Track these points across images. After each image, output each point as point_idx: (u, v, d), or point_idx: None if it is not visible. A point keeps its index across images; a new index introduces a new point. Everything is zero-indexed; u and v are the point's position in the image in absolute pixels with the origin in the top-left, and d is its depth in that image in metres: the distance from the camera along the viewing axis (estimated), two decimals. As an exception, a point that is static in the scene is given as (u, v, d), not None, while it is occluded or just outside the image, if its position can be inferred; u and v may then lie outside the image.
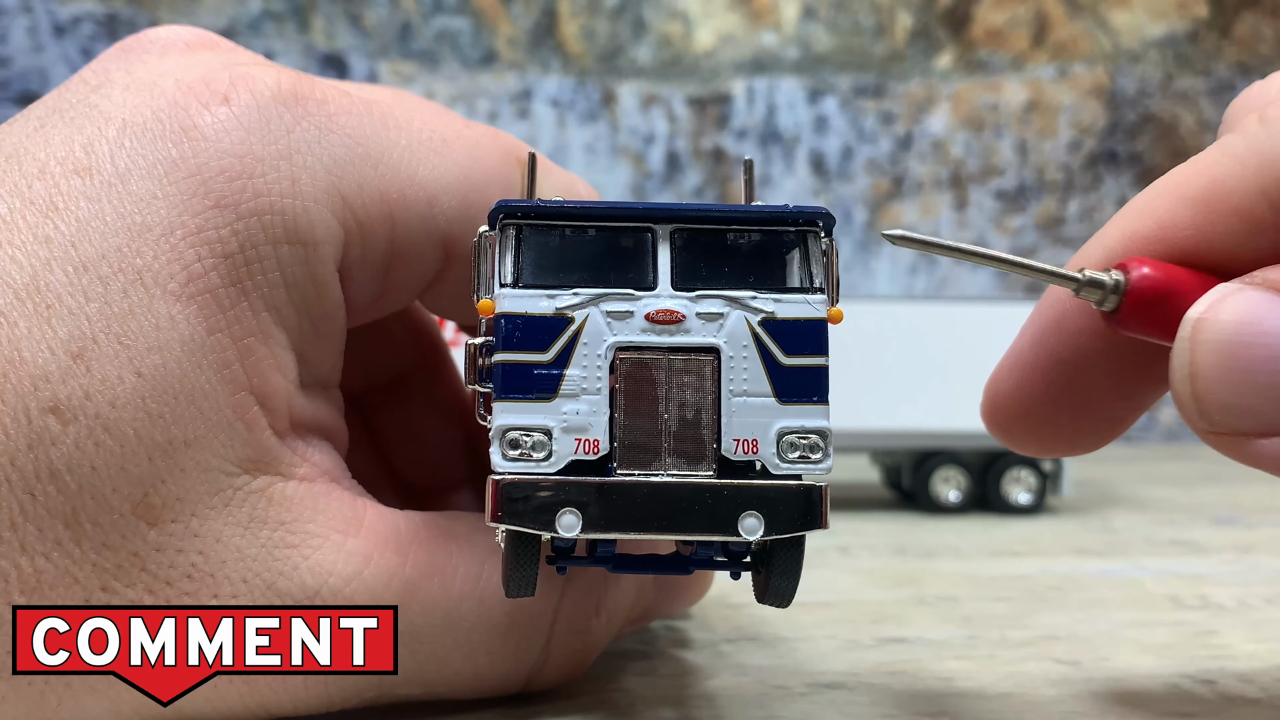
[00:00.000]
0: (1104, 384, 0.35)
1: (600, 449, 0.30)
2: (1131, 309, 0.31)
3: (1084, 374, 0.35)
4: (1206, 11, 1.63)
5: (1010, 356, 0.37)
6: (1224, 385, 0.28)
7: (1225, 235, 0.31)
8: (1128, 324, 0.32)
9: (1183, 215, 0.31)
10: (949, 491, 0.92)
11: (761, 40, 1.60)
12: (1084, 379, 0.35)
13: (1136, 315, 0.31)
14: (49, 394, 0.30)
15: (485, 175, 0.38)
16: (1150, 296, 0.31)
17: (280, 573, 0.33)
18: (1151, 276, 0.31)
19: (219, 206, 0.33)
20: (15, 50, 1.42)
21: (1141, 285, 0.31)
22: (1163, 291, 0.31)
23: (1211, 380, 0.29)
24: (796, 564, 0.32)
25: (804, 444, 0.31)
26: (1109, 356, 0.35)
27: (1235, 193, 0.30)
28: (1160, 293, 0.31)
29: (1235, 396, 0.28)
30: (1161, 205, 0.32)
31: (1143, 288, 0.31)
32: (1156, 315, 0.31)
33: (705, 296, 0.31)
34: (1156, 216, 0.32)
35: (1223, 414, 0.29)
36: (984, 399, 0.38)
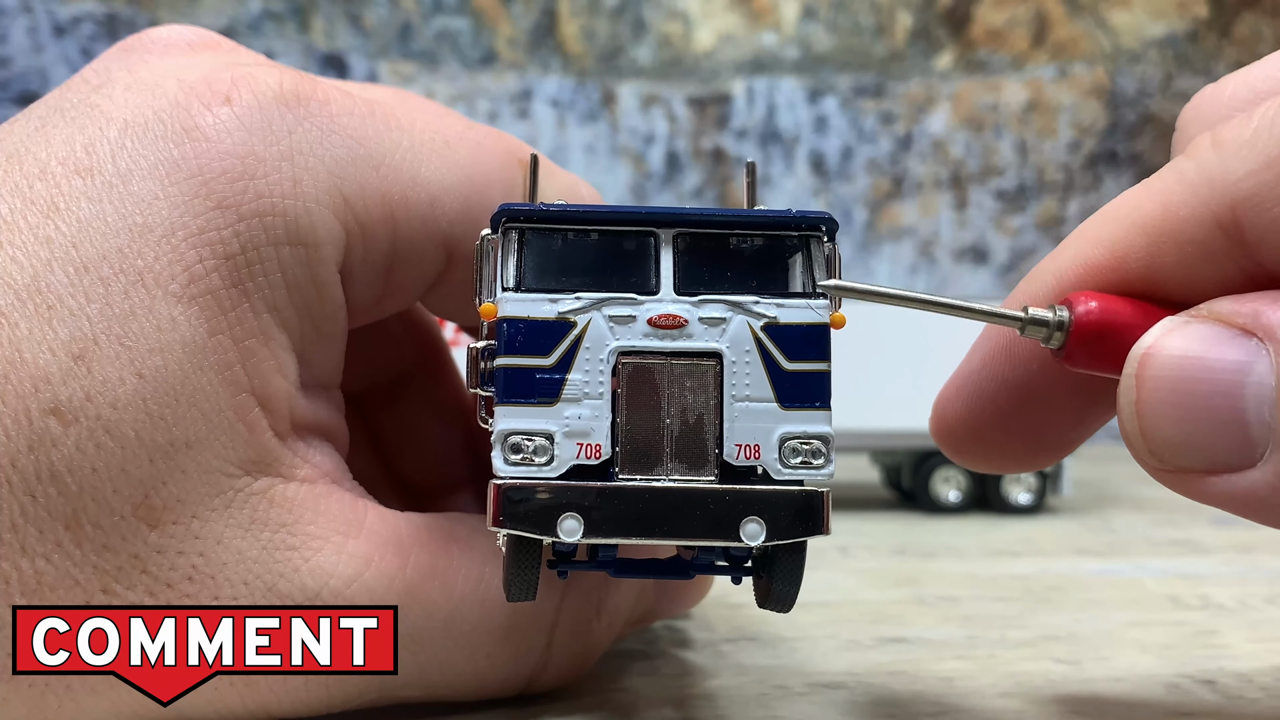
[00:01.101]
0: (1055, 408, 0.35)
1: (602, 454, 0.30)
2: (1078, 345, 0.30)
3: (1035, 398, 0.35)
4: (1206, 11, 1.63)
5: (959, 377, 0.37)
6: (1170, 422, 0.28)
7: (1179, 263, 0.30)
8: (1075, 360, 0.31)
9: (1136, 243, 0.30)
10: (949, 491, 0.92)
11: (761, 40, 1.60)
12: (1034, 403, 0.35)
13: (1083, 351, 0.30)
14: (50, 395, 0.30)
15: (487, 177, 0.38)
16: (1096, 332, 0.30)
17: (281, 575, 0.33)
18: (1097, 311, 0.30)
19: (220, 207, 0.33)
20: (15, 50, 1.42)
21: (1087, 321, 0.30)
22: (1109, 326, 0.30)
23: (1158, 417, 0.28)
24: (798, 569, 0.32)
25: (806, 449, 0.31)
26: (1060, 382, 0.34)
27: (1188, 221, 0.29)
28: (1106, 328, 0.30)
29: (1182, 433, 0.27)
30: (1114, 233, 0.31)
31: (1088, 323, 0.30)
32: (1104, 350, 0.30)
33: (708, 301, 0.31)
34: (1109, 245, 0.31)
35: (1170, 451, 0.28)
36: (932, 416, 0.37)
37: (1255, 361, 0.27)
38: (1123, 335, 0.30)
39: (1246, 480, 0.27)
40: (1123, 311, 0.30)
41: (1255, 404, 0.26)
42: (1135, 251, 0.31)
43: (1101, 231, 0.32)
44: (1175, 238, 0.30)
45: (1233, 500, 0.28)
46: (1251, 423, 0.27)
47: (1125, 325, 0.30)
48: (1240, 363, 0.27)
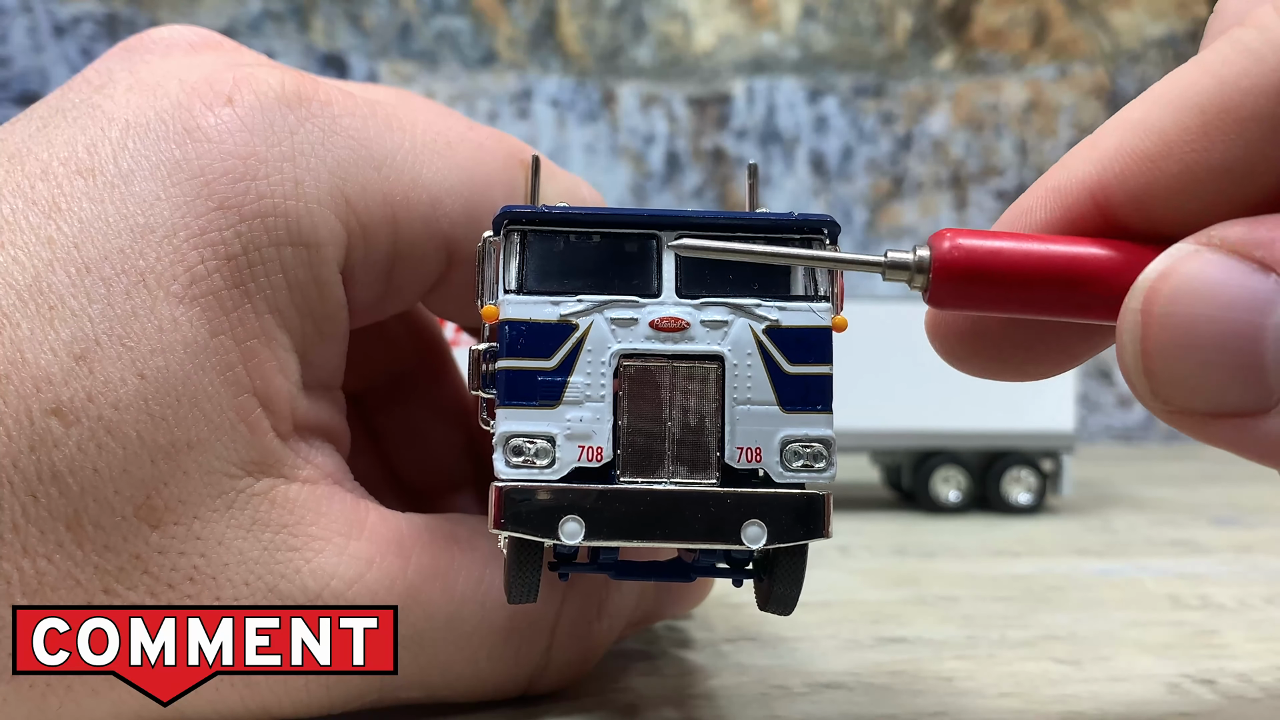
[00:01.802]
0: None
1: (603, 456, 0.30)
2: (941, 287, 0.28)
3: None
4: (1206, 11, 1.63)
5: None
6: (1180, 363, 0.25)
7: (1240, 145, 0.26)
8: (940, 302, 0.29)
9: (1190, 125, 0.27)
10: (949, 491, 0.92)
11: (761, 40, 1.60)
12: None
13: (947, 293, 0.28)
14: (51, 396, 0.30)
15: (489, 178, 0.38)
16: (959, 273, 0.28)
17: (282, 575, 0.33)
18: (958, 250, 0.28)
19: (222, 208, 0.33)
20: (15, 50, 1.42)
21: (948, 261, 0.28)
22: (972, 266, 0.28)
23: (1166, 358, 0.25)
24: (799, 572, 0.32)
25: (807, 452, 0.31)
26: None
27: (1250, 93, 0.26)
28: (969, 268, 0.28)
29: (1192, 376, 0.25)
30: (1163, 116, 0.27)
31: (949, 263, 0.28)
32: (970, 291, 0.28)
33: (710, 304, 0.31)
34: (1159, 131, 0.27)
35: (1178, 394, 0.26)
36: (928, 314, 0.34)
37: (1276, 300, 0.24)
38: (989, 274, 0.28)
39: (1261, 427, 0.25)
40: (987, 249, 0.28)
41: (1275, 348, 0.24)
42: (1189, 135, 0.27)
43: (1149, 116, 0.28)
44: (1235, 114, 0.26)
45: (1242, 444, 0.26)
46: (1270, 368, 0.25)
47: (991, 263, 0.28)
48: (1259, 301, 0.24)
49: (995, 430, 0.92)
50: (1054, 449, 0.92)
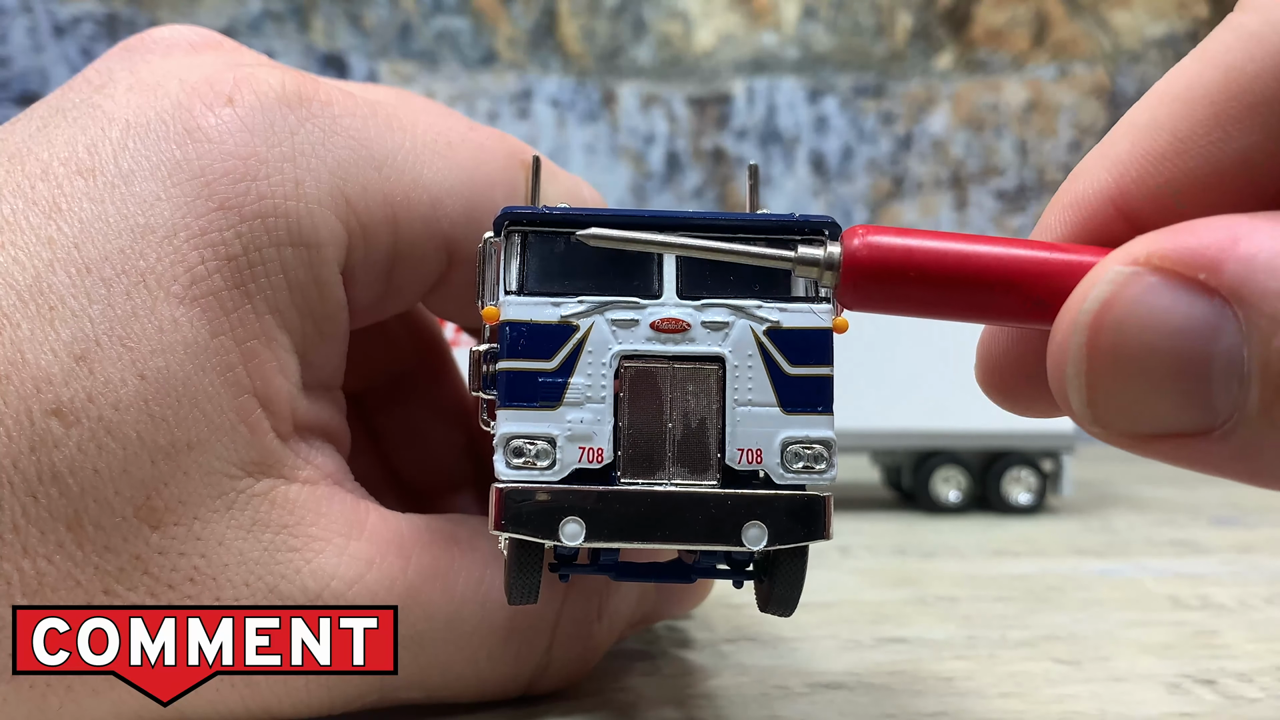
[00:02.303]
0: None
1: (604, 458, 0.30)
2: (850, 285, 0.28)
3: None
4: (1206, 11, 1.63)
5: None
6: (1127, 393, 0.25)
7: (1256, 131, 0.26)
8: (848, 300, 0.28)
9: (1200, 118, 0.26)
10: (949, 491, 0.92)
11: (761, 40, 1.60)
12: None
13: (855, 292, 0.28)
14: (52, 396, 0.30)
15: (489, 179, 0.38)
16: (868, 270, 0.27)
17: (282, 576, 0.33)
18: (868, 248, 0.27)
19: (223, 208, 0.33)
20: (15, 50, 1.42)
21: (859, 258, 0.27)
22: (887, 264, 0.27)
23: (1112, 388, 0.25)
24: (799, 573, 0.32)
25: (808, 454, 0.31)
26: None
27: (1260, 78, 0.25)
28: (884, 265, 0.27)
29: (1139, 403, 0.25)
30: (1173, 113, 0.27)
31: (861, 260, 0.27)
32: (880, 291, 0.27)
33: (710, 305, 0.31)
34: (1170, 129, 0.27)
35: (1123, 419, 0.25)
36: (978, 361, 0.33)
37: (1221, 326, 0.24)
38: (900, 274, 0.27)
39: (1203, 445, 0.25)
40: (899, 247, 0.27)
41: (1223, 373, 0.24)
42: (1203, 128, 0.26)
43: (1158, 115, 0.27)
44: (1245, 100, 0.26)
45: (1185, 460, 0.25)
46: (1217, 394, 0.24)
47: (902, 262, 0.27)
48: (1206, 328, 0.24)
49: (995, 430, 0.92)
50: (1054, 449, 0.92)
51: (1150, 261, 0.24)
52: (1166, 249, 0.24)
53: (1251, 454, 0.24)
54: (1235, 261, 0.23)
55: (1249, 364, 0.23)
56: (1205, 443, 0.25)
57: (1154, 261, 0.24)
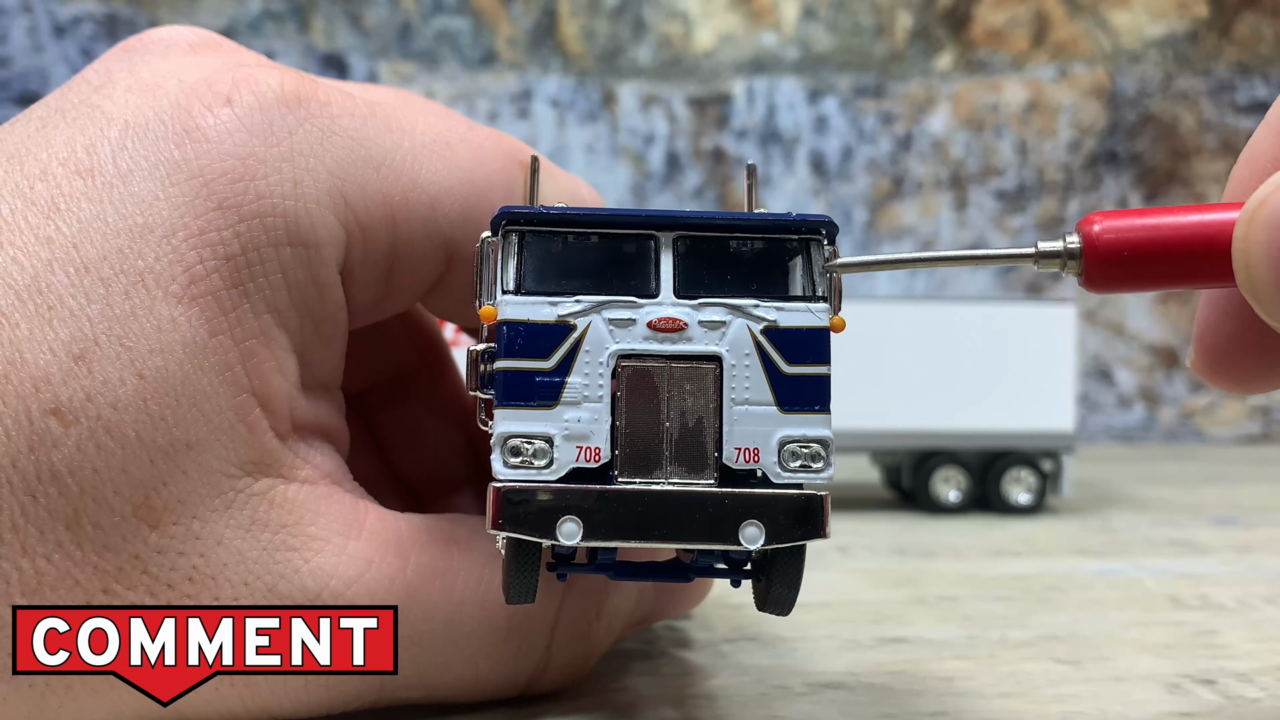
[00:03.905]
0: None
1: (602, 457, 0.30)
2: (1095, 269, 0.30)
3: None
4: (1206, 11, 1.63)
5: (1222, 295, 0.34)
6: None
7: None
8: (1096, 284, 0.30)
9: None
10: (949, 491, 0.92)
11: (761, 40, 1.60)
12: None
13: (1103, 274, 0.30)
14: (50, 396, 0.30)
15: (488, 179, 0.38)
16: (1110, 254, 0.29)
17: (281, 576, 0.33)
18: (1107, 233, 0.29)
19: (221, 208, 0.33)
20: (15, 50, 1.42)
21: (1099, 245, 0.29)
22: (1123, 246, 0.29)
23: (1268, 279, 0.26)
24: (797, 572, 0.32)
25: (805, 453, 0.31)
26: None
27: None
28: (1120, 247, 0.29)
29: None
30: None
31: (1100, 247, 0.29)
32: (1125, 270, 0.29)
33: (708, 304, 0.31)
34: None
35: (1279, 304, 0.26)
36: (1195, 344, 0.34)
37: None
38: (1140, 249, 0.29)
39: None
40: (1135, 227, 0.29)
41: None
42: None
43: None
44: None
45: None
46: None
47: (1139, 241, 0.29)
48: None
49: (995, 430, 0.92)
50: (1054, 449, 0.92)
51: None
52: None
53: None
54: None
55: None
56: None
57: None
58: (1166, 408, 1.61)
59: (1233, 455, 1.41)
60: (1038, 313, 0.95)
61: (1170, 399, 1.61)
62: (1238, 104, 1.63)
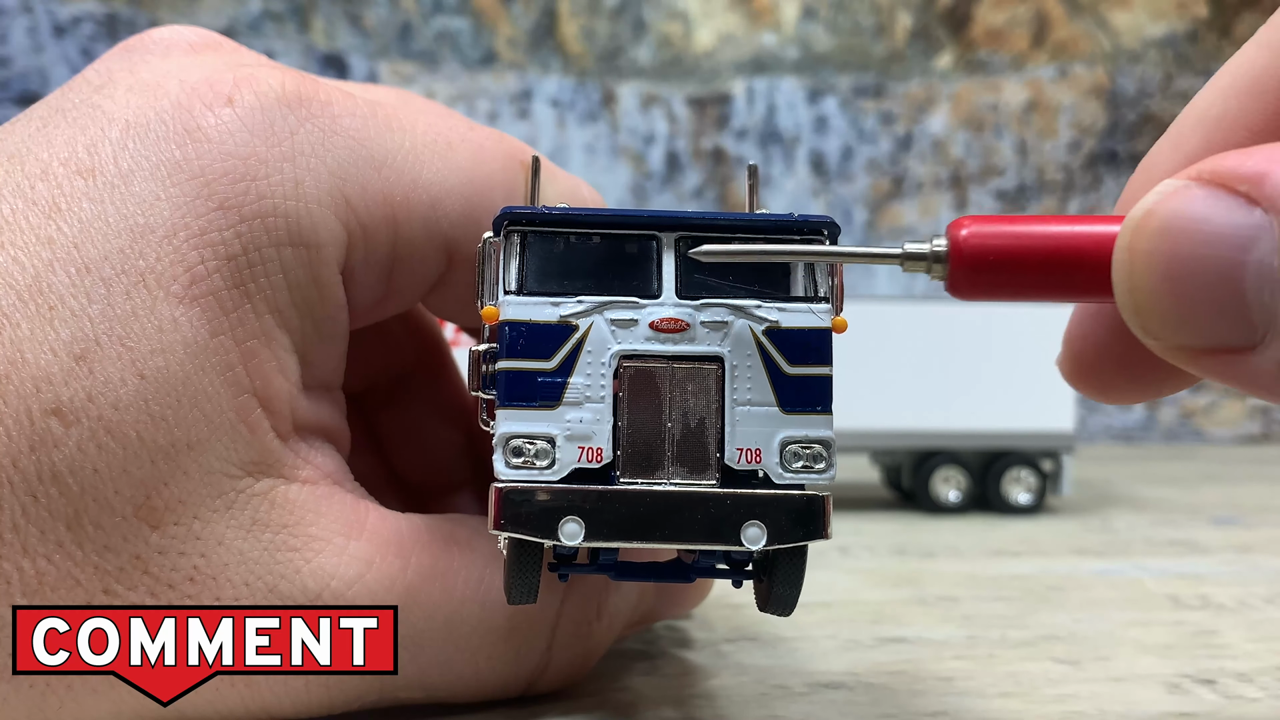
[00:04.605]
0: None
1: (603, 457, 0.30)
2: (960, 275, 0.28)
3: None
4: (1206, 11, 1.63)
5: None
6: (1164, 299, 0.25)
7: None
8: (960, 290, 0.29)
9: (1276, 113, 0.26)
10: (949, 491, 0.92)
11: (761, 40, 1.60)
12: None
13: (966, 280, 0.28)
14: (51, 396, 0.30)
15: (489, 179, 0.38)
16: (976, 260, 0.28)
17: (282, 576, 0.33)
18: (975, 238, 0.28)
19: (222, 208, 0.33)
20: (15, 50, 1.42)
21: (965, 249, 0.28)
22: (990, 251, 0.28)
23: (1151, 293, 0.25)
24: (798, 573, 0.32)
25: (807, 454, 0.31)
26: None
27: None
28: (987, 254, 0.28)
29: (1177, 311, 0.25)
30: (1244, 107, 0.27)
31: (967, 251, 0.28)
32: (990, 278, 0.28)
33: (710, 305, 0.31)
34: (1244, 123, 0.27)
35: (1165, 329, 0.25)
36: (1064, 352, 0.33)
37: (1258, 237, 0.24)
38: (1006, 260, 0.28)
39: (1249, 362, 0.25)
40: (1004, 234, 0.28)
41: (1255, 284, 0.24)
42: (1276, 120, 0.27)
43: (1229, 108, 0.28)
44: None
45: (1233, 378, 0.25)
46: (1251, 305, 0.24)
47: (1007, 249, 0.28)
48: (1241, 237, 0.24)
49: (995, 430, 0.92)
50: (1054, 449, 0.92)
51: (1200, 176, 0.25)
52: (1217, 165, 0.24)
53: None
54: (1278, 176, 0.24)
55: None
56: (1249, 359, 0.24)
57: (1203, 176, 0.25)
58: (1166, 407, 1.61)
59: (1233, 455, 1.41)
60: (1038, 312, 0.95)
61: (1170, 399, 1.61)
62: (1237, 104, 1.62)
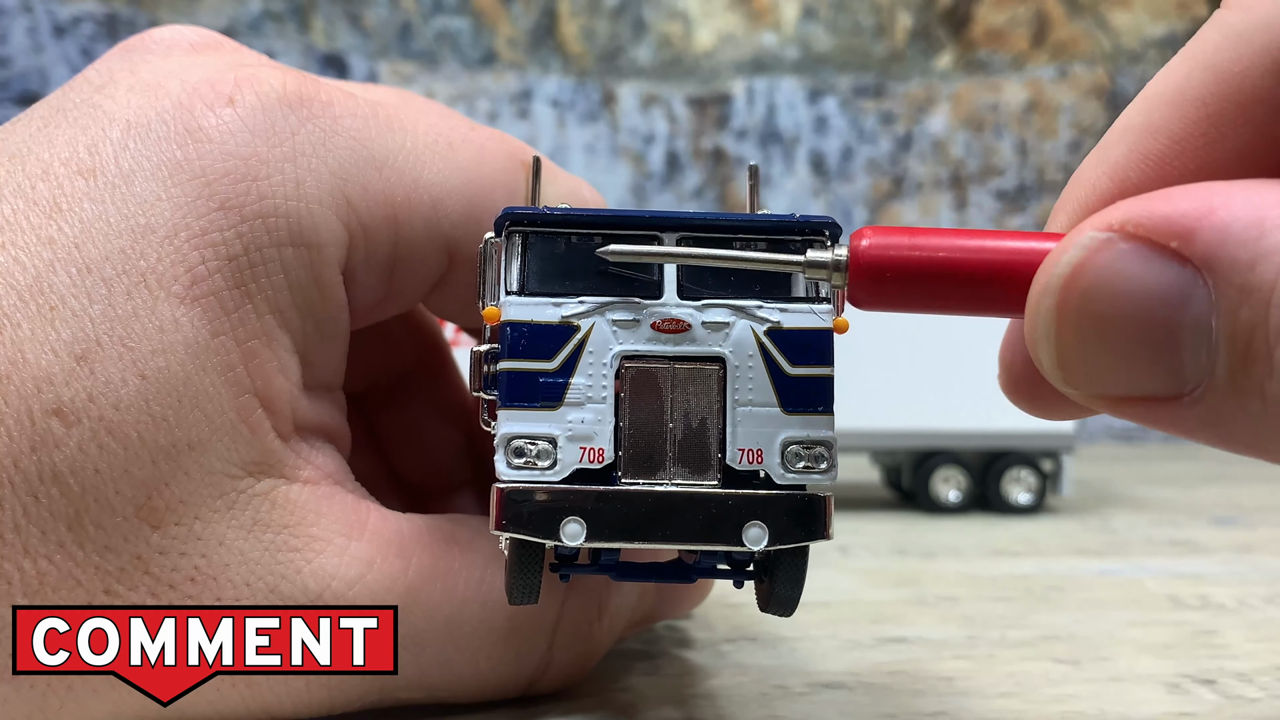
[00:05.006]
0: None
1: (605, 458, 0.30)
2: (859, 285, 0.28)
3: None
4: (1206, 11, 1.63)
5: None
6: (1097, 357, 0.25)
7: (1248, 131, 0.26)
8: (859, 300, 0.28)
9: (1194, 119, 0.26)
10: (949, 491, 0.92)
11: (761, 40, 1.60)
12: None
13: (865, 291, 0.28)
14: (52, 396, 0.30)
15: (490, 179, 0.38)
16: (875, 270, 0.27)
17: (283, 576, 0.33)
18: (874, 249, 0.27)
19: (223, 209, 0.33)
20: (15, 50, 1.42)
21: (864, 259, 0.27)
22: (889, 262, 0.27)
23: (1083, 352, 0.25)
24: (800, 573, 0.32)
25: (809, 454, 0.31)
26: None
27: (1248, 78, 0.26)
28: (885, 264, 0.27)
29: (1106, 369, 0.25)
30: (1167, 116, 0.27)
31: (865, 262, 0.27)
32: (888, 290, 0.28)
33: (711, 306, 0.31)
34: (1166, 132, 0.27)
35: (1094, 383, 0.25)
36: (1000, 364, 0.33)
37: (1191, 294, 0.23)
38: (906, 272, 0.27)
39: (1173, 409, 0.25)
40: (904, 245, 0.27)
41: (1191, 341, 0.24)
42: (1197, 130, 0.27)
43: (1152, 117, 0.28)
44: (1235, 100, 0.26)
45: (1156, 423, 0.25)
46: (1186, 360, 0.24)
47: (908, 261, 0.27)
48: (1176, 295, 0.24)
49: (995, 430, 0.92)
50: (1054, 449, 0.92)
51: (1124, 228, 0.24)
52: (1141, 216, 0.24)
53: (1220, 420, 0.24)
54: (1208, 230, 0.23)
55: (1217, 333, 0.23)
56: (1175, 407, 0.24)
57: (1128, 228, 0.24)
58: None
59: (1233, 455, 1.40)
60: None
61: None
62: (1237, 104, 1.63)
